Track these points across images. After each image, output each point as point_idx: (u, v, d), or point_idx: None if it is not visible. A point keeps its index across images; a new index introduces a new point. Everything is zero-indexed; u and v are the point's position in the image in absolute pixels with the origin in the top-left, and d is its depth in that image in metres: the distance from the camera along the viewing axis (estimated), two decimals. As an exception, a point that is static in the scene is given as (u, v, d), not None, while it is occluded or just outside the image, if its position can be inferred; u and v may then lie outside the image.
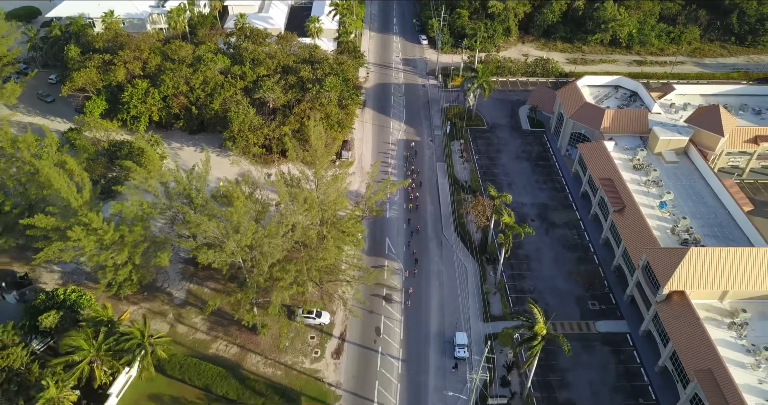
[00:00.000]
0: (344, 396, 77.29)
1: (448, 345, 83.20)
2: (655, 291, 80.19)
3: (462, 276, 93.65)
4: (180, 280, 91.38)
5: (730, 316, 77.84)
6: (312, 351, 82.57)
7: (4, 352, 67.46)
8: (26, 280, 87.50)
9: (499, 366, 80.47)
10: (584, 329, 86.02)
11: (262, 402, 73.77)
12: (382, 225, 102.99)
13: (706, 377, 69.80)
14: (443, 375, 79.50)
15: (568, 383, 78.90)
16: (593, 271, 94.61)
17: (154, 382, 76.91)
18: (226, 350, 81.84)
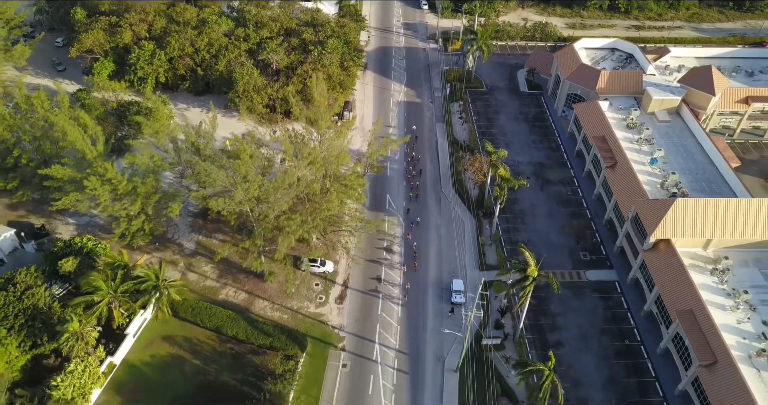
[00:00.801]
0: (347, 337, 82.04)
1: (446, 292, 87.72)
2: (642, 240, 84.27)
3: (459, 229, 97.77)
4: (190, 232, 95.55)
5: (712, 263, 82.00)
6: (317, 297, 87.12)
7: (29, 292, 71.86)
8: (43, 231, 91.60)
9: (494, 310, 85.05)
10: (575, 278, 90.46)
11: (270, 342, 78.43)
12: (383, 182, 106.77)
13: (687, 317, 74.29)
14: (440, 318, 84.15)
15: (558, 326, 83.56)
16: (585, 224, 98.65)
17: (168, 324, 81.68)
18: (235, 296, 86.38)
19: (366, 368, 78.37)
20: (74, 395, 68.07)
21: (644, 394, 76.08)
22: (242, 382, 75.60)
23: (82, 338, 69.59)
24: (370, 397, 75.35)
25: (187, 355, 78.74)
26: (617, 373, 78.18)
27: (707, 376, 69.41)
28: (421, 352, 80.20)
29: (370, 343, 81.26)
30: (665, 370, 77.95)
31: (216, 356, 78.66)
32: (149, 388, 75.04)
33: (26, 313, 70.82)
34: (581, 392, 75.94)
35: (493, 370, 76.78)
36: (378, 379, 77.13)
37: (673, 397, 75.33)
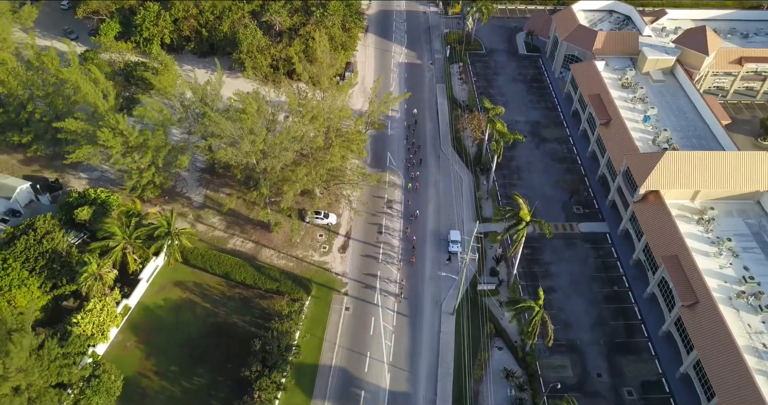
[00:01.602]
0: (350, 283, 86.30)
1: (443, 242, 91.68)
2: (633, 192, 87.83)
3: (457, 185, 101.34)
4: (198, 187, 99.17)
5: (699, 213, 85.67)
6: (320, 246, 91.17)
7: (48, 236, 75.79)
8: (57, 185, 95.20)
9: (489, 259, 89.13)
10: (568, 230, 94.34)
11: (277, 286, 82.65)
12: (384, 141, 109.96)
13: (672, 262, 78.27)
14: (438, 266, 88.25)
15: (551, 274, 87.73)
16: (579, 180, 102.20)
17: (179, 271, 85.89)
18: (243, 245, 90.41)
19: (367, 311, 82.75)
20: (94, 332, 72.46)
21: (630, 335, 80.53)
22: (250, 323, 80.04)
23: (100, 279, 73.72)
24: (372, 337, 79.83)
25: (197, 299, 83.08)
26: (605, 316, 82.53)
27: (689, 316, 73.64)
28: (420, 297, 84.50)
29: (371, 289, 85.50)
30: (650, 314, 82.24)
31: (225, 300, 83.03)
32: (163, 328, 79.55)
33: (46, 256, 74.84)
34: (571, 333, 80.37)
35: (487, 313, 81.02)
36: (379, 321, 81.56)
37: (657, 338, 79.74)
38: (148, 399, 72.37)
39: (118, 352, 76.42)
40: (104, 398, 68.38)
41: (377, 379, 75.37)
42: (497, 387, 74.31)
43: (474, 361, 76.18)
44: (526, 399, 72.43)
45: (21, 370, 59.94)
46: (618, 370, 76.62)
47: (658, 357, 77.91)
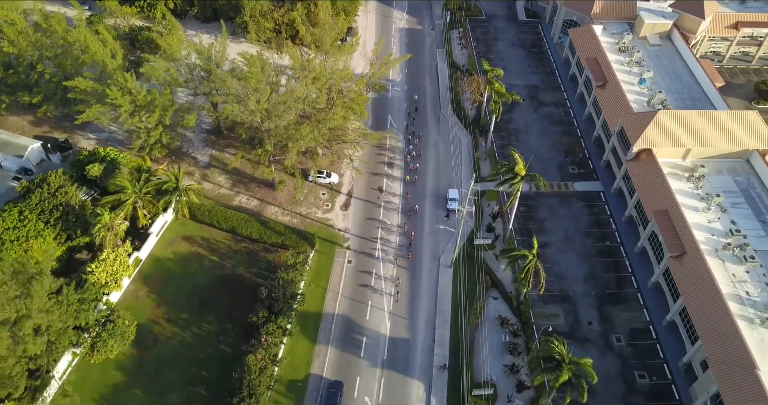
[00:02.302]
0: (352, 239, 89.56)
1: (442, 200, 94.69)
2: (626, 151, 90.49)
3: (456, 146, 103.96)
4: (203, 147, 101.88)
5: (690, 171, 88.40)
6: (323, 204, 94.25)
7: (62, 190, 78.78)
8: (67, 145, 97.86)
9: (486, 216, 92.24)
10: (563, 189, 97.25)
11: (282, 240, 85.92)
12: (384, 103, 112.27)
13: (662, 216, 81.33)
14: (436, 222, 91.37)
15: (546, 230, 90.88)
16: (575, 141, 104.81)
17: (187, 226, 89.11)
18: (248, 202, 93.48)
19: (369, 264, 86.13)
20: (107, 280, 75.89)
21: (621, 286, 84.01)
22: (256, 275, 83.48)
23: (112, 230, 76.97)
24: (373, 288, 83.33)
25: (205, 252, 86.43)
26: (597, 269, 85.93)
27: (676, 266, 76.94)
28: (419, 251, 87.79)
29: (372, 243, 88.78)
30: (640, 267, 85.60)
31: (232, 253, 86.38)
32: (172, 279, 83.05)
33: (60, 209, 77.91)
34: (564, 285, 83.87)
35: (483, 266, 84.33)
36: (380, 273, 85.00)
37: (646, 289, 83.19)
38: (160, 344, 76.13)
39: (131, 301, 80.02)
40: (119, 341, 72.18)
41: (378, 327, 79.04)
42: (492, 333, 77.97)
43: (470, 310, 79.74)
44: (519, 344, 76.11)
45: (42, 309, 63.47)
46: (608, 318, 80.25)
47: (646, 306, 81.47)
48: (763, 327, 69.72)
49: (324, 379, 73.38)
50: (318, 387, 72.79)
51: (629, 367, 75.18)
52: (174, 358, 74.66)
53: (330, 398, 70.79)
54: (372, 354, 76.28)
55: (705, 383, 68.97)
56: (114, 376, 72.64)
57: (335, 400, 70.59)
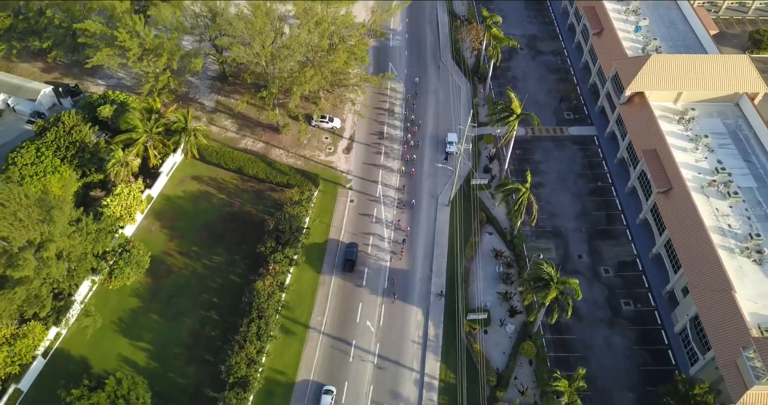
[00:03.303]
0: (354, 180, 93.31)
1: (441, 144, 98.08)
2: (620, 94, 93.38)
3: (455, 92, 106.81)
4: (209, 93, 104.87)
5: (680, 114, 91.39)
6: (326, 148, 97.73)
7: (76, 128, 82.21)
8: (77, 90, 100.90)
9: (483, 158, 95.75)
10: (558, 133, 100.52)
11: (287, 179, 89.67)
12: (385, 52, 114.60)
13: (651, 155, 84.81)
14: (436, 164, 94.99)
15: (540, 171, 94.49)
16: (571, 88, 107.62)
17: (196, 166, 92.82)
18: (254, 145, 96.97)
19: (370, 203, 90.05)
20: (122, 213, 79.95)
21: (611, 223, 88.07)
22: (263, 212, 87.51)
23: (126, 165, 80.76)
24: (374, 225, 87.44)
25: (214, 191, 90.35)
26: (588, 207, 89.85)
27: (663, 201, 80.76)
28: (419, 191, 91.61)
29: (373, 183, 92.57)
30: (630, 206, 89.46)
31: (239, 192, 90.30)
32: (183, 215, 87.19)
33: (76, 146, 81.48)
34: (556, 222, 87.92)
35: (479, 204, 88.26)
36: (381, 211, 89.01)
37: (634, 226, 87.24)
38: (173, 274, 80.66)
39: (144, 234, 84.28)
40: (135, 269, 76.67)
41: (379, 259, 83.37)
42: (487, 265, 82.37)
43: (466, 244, 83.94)
44: (512, 274, 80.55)
45: (63, 234, 67.66)
46: (597, 252, 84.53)
47: (634, 241, 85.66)
48: (742, 256, 73.86)
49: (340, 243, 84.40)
50: (323, 313, 77.57)
51: (615, 296, 79.76)
52: (186, 286, 79.28)
53: (348, 254, 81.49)
54: (373, 283, 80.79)
55: (685, 307, 73.54)
56: (131, 302, 77.36)
57: (353, 255, 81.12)
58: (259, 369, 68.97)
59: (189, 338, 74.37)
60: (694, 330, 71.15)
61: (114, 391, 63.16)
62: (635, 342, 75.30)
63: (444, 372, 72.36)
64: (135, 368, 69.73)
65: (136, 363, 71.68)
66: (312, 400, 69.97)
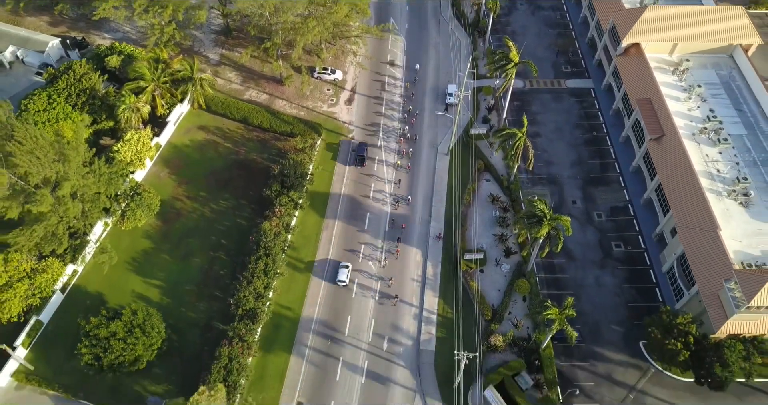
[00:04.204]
0: (355, 130, 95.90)
1: (441, 96, 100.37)
2: (616, 46, 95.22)
3: (456, 46, 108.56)
4: (214, 47, 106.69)
5: (675, 65, 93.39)
6: (328, 99, 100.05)
7: (86, 76, 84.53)
8: (84, 43, 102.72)
9: (482, 109, 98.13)
10: (556, 85, 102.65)
11: (291, 129, 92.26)
12: (386, 7, 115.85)
13: (645, 103, 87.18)
14: (435, 116, 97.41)
15: (538, 122, 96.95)
16: (569, 42, 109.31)
17: (202, 117, 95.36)
18: (258, 96, 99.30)
19: (372, 152, 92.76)
20: (132, 159, 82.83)
21: (605, 171, 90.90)
22: (268, 160, 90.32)
23: (137, 110, 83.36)
24: (376, 173, 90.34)
25: (220, 140, 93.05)
26: (584, 156, 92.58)
27: (655, 148, 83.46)
28: (419, 141, 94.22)
29: (375, 134, 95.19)
30: (624, 154, 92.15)
31: (244, 141, 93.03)
32: (191, 162, 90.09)
33: (86, 93, 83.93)
34: (552, 169, 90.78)
35: (477, 152, 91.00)
36: (382, 160, 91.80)
37: (627, 173, 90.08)
38: (182, 217, 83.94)
39: (154, 180, 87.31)
40: (146, 212, 79.97)
41: (380, 205, 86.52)
42: (483, 209, 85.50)
43: (464, 191, 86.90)
44: (508, 218, 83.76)
45: (78, 174, 70.67)
46: (591, 198, 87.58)
47: (626, 188, 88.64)
48: (729, 199, 76.89)
49: (351, 143, 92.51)
50: (324, 265, 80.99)
51: (607, 238, 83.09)
52: (195, 228, 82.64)
53: (359, 150, 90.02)
54: (375, 227, 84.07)
55: (673, 247, 76.89)
56: (143, 243, 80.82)
57: (363, 151, 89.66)
58: (267, 303, 72.75)
59: (199, 276, 78.00)
60: (681, 268, 74.58)
61: (130, 320, 66.89)
62: (624, 281, 78.90)
63: (442, 307, 76.14)
64: (148, 303, 73.22)
65: (150, 298, 75.41)
66: (316, 333, 73.86)
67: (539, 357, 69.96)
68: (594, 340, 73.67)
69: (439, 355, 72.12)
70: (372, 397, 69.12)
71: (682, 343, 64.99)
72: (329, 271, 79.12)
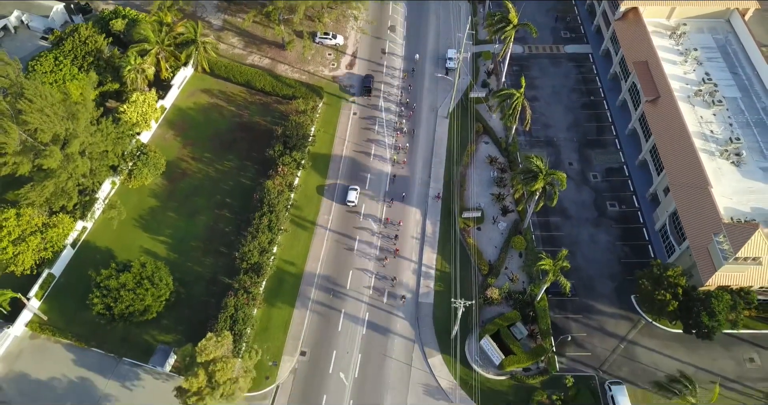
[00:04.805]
0: (356, 94, 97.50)
1: (441, 60, 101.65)
2: (614, 10, 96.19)
3: (456, 12, 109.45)
4: (216, 12, 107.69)
5: (672, 29, 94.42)
6: (329, 63, 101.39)
7: (92, 38, 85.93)
8: (88, 7, 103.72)
9: (482, 73, 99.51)
10: (555, 51, 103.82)
11: (293, 92, 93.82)
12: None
13: (641, 66, 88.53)
14: (435, 81, 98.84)
15: (536, 86, 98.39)
16: (569, 8, 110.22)
17: (206, 80, 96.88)
18: (260, 61, 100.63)
19: (372, 115, 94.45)
20: (138, 120, 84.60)
21: (601, 134, 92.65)
22: (270, 122, 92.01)
23: (142, 72, 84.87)
24: (377, 134, 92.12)
25: (223, 103, 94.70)
26: (580, 119, 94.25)
27: (651, 109, 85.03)
28: (419, 104, 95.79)
29: (375, 98, 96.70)
30: (620, 118, 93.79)
31: (247, 104, 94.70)
32: (195, 124, 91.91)
33: (92, 55, 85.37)
34: (549, 132, 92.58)
35: (477, 115, 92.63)
36: (383, 123, 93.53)
37: (623, 136, 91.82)
38: (188, 177, 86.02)
39: (159, 141, 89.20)
40: (152, 171, 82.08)
41: (380, 166, 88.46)
42: (482, 171, 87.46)
43: (463, 152, 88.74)
44: (506, 178, 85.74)
45: (86, 131, 72.56)
46: (587, 160, 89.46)
47: (622, 150, 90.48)
48: (722, 158, 78.74)
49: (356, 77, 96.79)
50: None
51: (602, 198, 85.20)
52: (200, 188, 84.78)
53: (366, 82, 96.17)
54: (375, 187, 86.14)
55: (666, 205, 78.98)
56: (149, 201, 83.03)
57: (369, 82, 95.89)
58: (271, 257, 75.18)
59: (204, 233, 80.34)
60: (672, 225, 76.79)
61: (139, 272, 69.38)
62: (618, 238, 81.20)
63: (440, 263, 78.57)
64: (156, 258, 75.44)
65: (157, 254, 77.82)
66: (319, 287, 76.40)
67: (534, 309, 72.49)
68: (587, 294, 76.19)
69: (437, 307, 74.71)
70: (372, 346, 71.89)
71: (671, 294, 67.38)
72: (330, 230, 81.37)
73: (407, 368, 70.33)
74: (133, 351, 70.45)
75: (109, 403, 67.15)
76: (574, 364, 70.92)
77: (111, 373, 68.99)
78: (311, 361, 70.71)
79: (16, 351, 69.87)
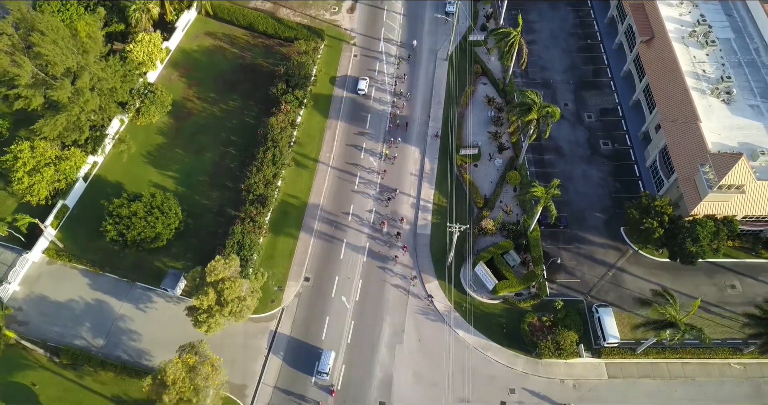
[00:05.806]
0: (357, 37, 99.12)
1: (441, 5, 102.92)
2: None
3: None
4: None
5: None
6: (330, 8, 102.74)
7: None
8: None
9: (480, 17, 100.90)
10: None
11: (294, 34, 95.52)
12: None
13: (637, 7, 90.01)
14: (435, 24, 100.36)
15: (534, 30, 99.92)
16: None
17: (209, 24, 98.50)
18: (263, 5, 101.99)
19: (372, 57, 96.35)
20: (144, 59, 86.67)
21: (597, 76, 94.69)
22: (273, 64, 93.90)
23: (148, 11, 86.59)
24: (377, 73, 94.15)
25: (226, 46, 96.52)
26: (577, 62, 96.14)
27: (645, 50, 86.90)
28: (418, 48, 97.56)
29: (375, 41, 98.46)
30: (616, 60, 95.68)
31: (250, 47, 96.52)
32: (199, 65, 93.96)
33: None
34: (546, 74, 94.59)
35: (475, 57, 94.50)
36: (383, 60, 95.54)
37: (618, 78, 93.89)
38: (193, 116, 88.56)
39: (165, 82, 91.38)
40: (159, 108, 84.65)
41: (381, 105, 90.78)
42: (480, 110, 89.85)
43: (461, 93, 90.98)
44: (502, 117, 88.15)
45: (96, 64, 74.83)
46: (582, 101, 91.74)
47: (617, 91, 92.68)
48: (712, 96, 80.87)
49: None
50: (330, 150, 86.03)
51: (596, 137, 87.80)
52: (206, 126, 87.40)
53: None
54: (376, 125, 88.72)
55: (656, 141, 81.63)
56: (157, 138, 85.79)
57: None
58: (276, 190, 78.29)
59: (211, 168, 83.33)
60: (662, 160, 79.60)
61: (149, 202, 72.65)
62: (610, 174, 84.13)
63: (437, 197, 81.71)
64: (165, 191, 78.81)
65: (166, 187, 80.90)
66: (321, 219, 79.72)
67: (527, 239, 75.92)
68: (579, 226, 79.52)
69: (434, 237, 78.15)
70: (372, 273, 75.58)
71: (657, 222, 70.63)
72: (332, 167, 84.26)
73: (405, 293, 74.13)
74: (146, 276, 74.13)
75: (124, 323, 71.16)
76: (564, 290, 74.66)
77: (125, 297, 72.86)
78: (315, 286, 74.50)
79: (35, 275, 73.63)
